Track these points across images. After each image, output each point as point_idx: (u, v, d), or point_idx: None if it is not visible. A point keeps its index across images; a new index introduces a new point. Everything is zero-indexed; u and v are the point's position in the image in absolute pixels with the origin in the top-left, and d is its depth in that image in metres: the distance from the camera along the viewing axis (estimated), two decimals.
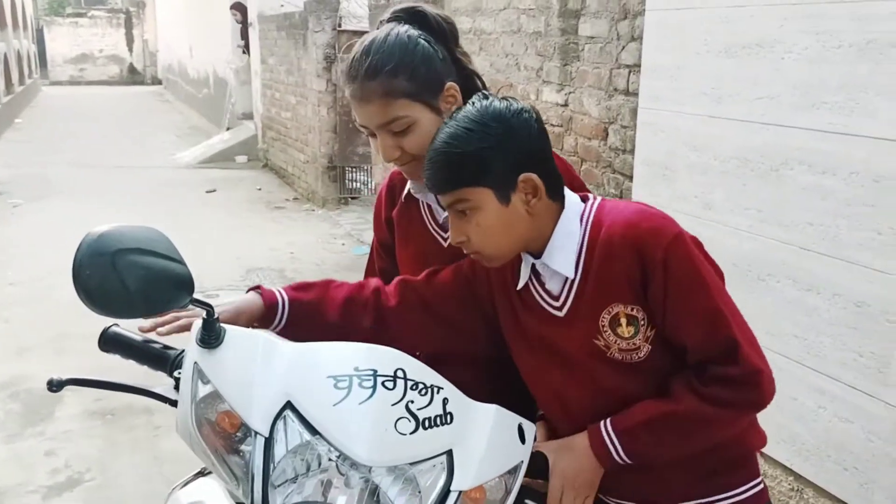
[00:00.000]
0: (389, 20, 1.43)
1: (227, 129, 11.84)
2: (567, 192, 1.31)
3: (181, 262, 1.12)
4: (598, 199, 1.32)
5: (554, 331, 1.31)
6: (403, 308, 1.43)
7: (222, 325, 1.12)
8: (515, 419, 1.21)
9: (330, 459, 1.03)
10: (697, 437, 1.27)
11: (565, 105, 3.80)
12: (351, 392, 1.04)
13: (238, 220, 7.52)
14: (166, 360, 1.25)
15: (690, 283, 1.21)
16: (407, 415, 1.05)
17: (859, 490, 2.30)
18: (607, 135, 3.45)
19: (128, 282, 1.05)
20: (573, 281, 1.28)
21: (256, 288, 1.41)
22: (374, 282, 1.50)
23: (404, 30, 1.39)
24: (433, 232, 1.53)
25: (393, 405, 1.05)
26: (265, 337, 1.14)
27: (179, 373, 1.15)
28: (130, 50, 25.60)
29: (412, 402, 1.06)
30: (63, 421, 3.59)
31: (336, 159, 8.02)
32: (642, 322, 1.24)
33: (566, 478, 1.25)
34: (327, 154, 8.00)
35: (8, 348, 4.39)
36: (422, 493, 1.05)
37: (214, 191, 8.88)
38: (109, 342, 1.29)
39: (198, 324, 1.11)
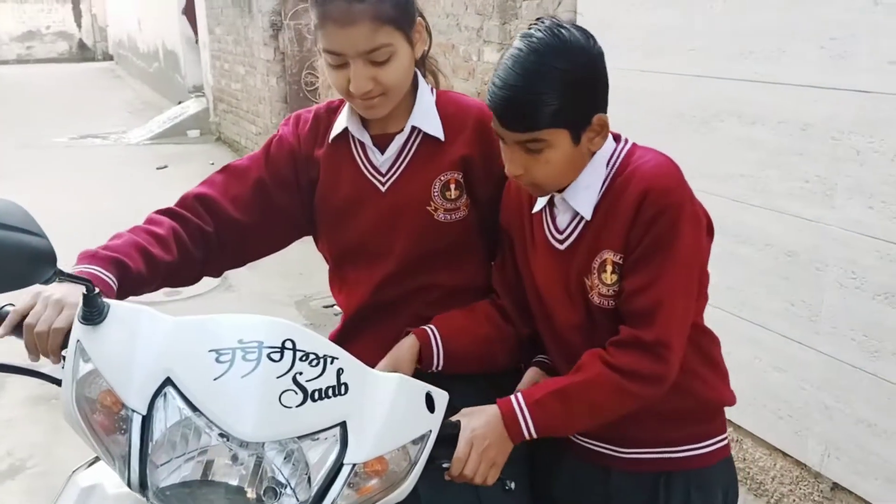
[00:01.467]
0: None
1: (179, 102, 11.59)
2: None
3: (40, 234, 1.06)
4: (630, 143, 1.32)
5: (550, 262, 1.33)
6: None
7: (105, 300, 1.08)
8: (423, 387, 1.17)
9: (217, 439, 1.00)
10: (603, 408, 1.26)
11: None
12: (233, 365, 1.00)
13: None
14: None
15: (663, 243, 1.22)
16: (294, 387, 1.01)
17: (794, 437, 2.34)
18: None
19: None
20: (581, 219, 1.29)
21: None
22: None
23: None
24: (369, 175, 1.47)
25: (278, 377, 1.01)
26: (150, 312, 1.09)
27: (66, 351, 1.10)
28: (79, 25, 24.81)
29: (301, 373, 1.02)
30: (6, 408, 3.51)
31: None
32: None
33: (475, 439, 1.22)
34: (278, 125, 7.86)
35: None
36: (311, 468, 1.02)
37: (166, 167, 8.69)
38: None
39: (79, 300, 1.06)
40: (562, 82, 1.18)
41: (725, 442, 1.40)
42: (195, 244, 1.44)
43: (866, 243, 2.05)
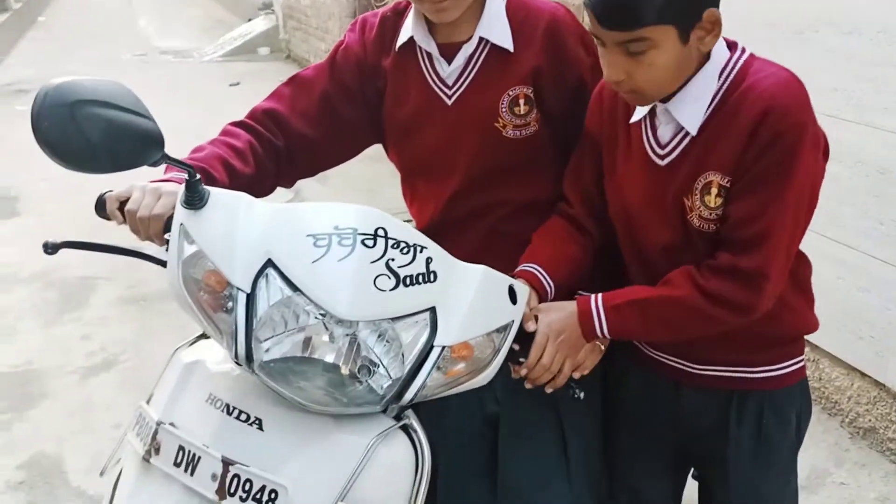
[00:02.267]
0: None
1: (249, 20, 11.61)
2: None
3: (149, 117, 1.10)
4: (747, 53, 1.21)
5: (647, 177, 1.26)
6: None
7: (206, 187, 1.12)
8: (506, 280, 1.20)
9: (316, 317, 1.04)
10: (684, 327, 1.24)
11: None
12: (330, 250, 1.04)
13: None
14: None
15: (780, 168, 1.13)
16: (387, 272, 1.05)
17: (874, 358, 2.30)
18: None
19: (89, 134, 1.03)
20: (688, 134, 1.20)
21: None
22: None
23: None
24: (435, 88, 1.43)
25: (372, 262, 1.05)
26: (248, 198, 1.13)
27: (169, 235, 1.15)
28: None
29: (393, 259, 1.06)
30: (98, 307, 3.72)
31: None
32: None
33: (551, 330, 1.24)
34: None
35: (43, 241, 4.50)
36: (404, 348, 1.06)
37: (238, 84, 8.79)
38: (104, 206, 1.28)
39: (182, 186, 1.11)
40: None
41: (802, 364, 1.36)
42: (268, 157, 1.46)
43: None
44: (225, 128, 1.48)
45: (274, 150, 1.47)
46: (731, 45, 1.21)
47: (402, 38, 1.44)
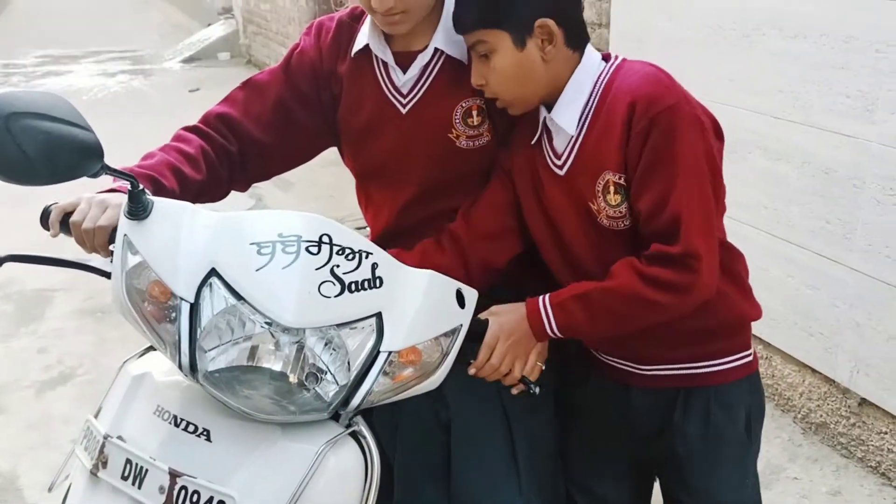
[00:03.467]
0: None
1: (208, 25, 11.50)
2: (589, 48, 1.29)
3: (87, 128, 1.09)
4: (620, 59, 1.29)
5: (556, 189, 1.30)
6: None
7: (150, 197, 1.11)
8: (454, 284, 1.21)
9: (262, 326, 1.05)
10: (631, 317, 1.25)
11: None
12: (274, 257, 1.04)
13: None
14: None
15: (663, 154, 1.18)
16: (332, 278, 1.05)
17: (823, 354, 2.36)
18: (583, 8, 3.34)
19: (25, 147, 1.02)
20: (575, 140, 1.27)
21: None
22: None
23: None
24: (390, 96, 1.43)
25: (317, 269, 1.05)
26: (192, 207, 1.13)
27: (114, 246, 1.15)
28: None
29: (338, 266, 1.06)
30: (54, 320, 3.66)
31: None
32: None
33: (501, 331, 1.26)
34: None
35: None
36: (350, 355, 1.07)
37: (198, 90, 8.70)
38: (49, 218, 1.27)
39: (125, 196, 1.10)
40: None
41: (750, 359, 1.37)
42: (220, 162, 1.45)
43: None
44: (177, 133, 1.47)
45: (227, 155, 1.46)
46: (606, 57, 1.29)
47: (358, 45, 1.44)
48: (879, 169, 2.08)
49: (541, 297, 1.28)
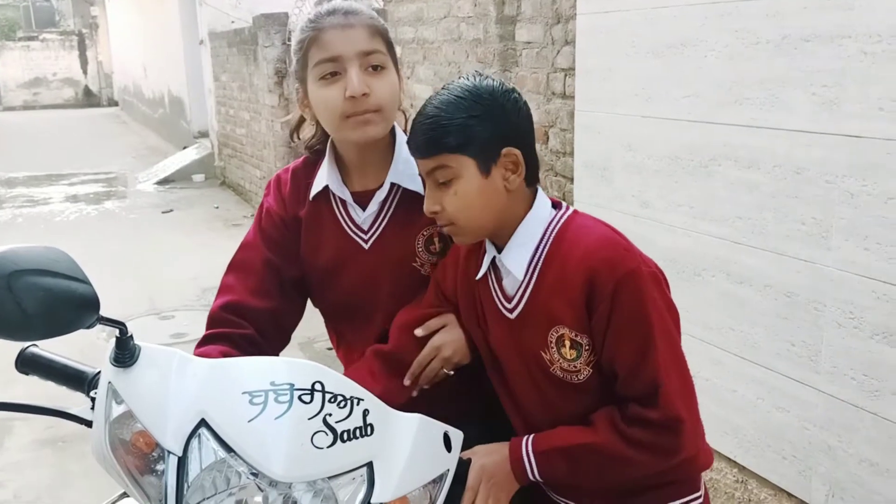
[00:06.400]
0: None
1: (184, 148, 11.74)
2: (541, 192, 1.31)
3: (85, 281, 1.09)
4: (570, 210, 1.31)
5: (504, 331, 1.32)
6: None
7: (137, 343, 1.10)
8: (441, 427, 1.21)
9: (248, 477, 1.02)
10: (613, 473, 1.26)
11: None
12: (266, 407, 1.03)
13: (195, 240, 7.45)
14: (84, 380, 1.21)
15: (633, 318, 1.20)
16: (324, 428, 1.04)
17: (798, 478, 2.35)
18: (548, 138, 3.49)
19: (25, 304, 1.01)
20: (526, 286, 1.27)
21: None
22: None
23: None
24: (351, 233, 1.47)
25: (310, 419, 1.04)
26: (181, 354, 1.12)
27: (96, 392, 1.13)
28: (85, 72, 25.22)
29: (330, 414, 1.05)
30: (12, 451, 3.53)
31: None
32: (586, 348, 1.24)
33: (484, 472, 1.26)
34: (282, 168, 7.94)
35: None
36: None
37: (171, 211, 8.79)
38: (27, 363, 1.26)
39: (111, 343, 1.10)
40: (465, 110, 1.21)
41: (701, 499, 1.36)
42: (244, 352, 1.44)
43: (862, 284, 2.09)
44: (196, 351, 1.44)
45: (247, 340, 1.46)
46: (557, 204, 1.32)
47: (317, 187, 1.49)
48: (838, 293, 2.16)
49: (524, 442, 1.29)
